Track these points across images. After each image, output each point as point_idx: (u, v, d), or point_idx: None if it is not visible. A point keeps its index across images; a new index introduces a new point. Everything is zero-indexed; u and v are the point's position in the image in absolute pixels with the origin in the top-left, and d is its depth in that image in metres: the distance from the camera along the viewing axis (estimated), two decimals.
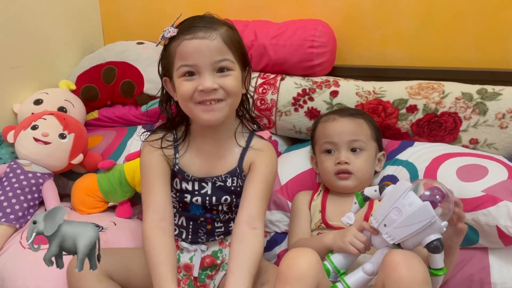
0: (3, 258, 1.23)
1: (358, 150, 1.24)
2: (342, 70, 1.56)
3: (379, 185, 1.04)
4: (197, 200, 1.10)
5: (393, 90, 1.40)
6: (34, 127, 1.40)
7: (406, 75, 1.46)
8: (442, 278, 0.99)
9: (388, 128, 1.42)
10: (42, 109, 1.51)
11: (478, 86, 1.35)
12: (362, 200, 1.05)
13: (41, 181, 1.39)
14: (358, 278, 0.99)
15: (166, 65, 1.07)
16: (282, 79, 1.52)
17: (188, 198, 1.11)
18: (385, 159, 1.32)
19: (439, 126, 1.37)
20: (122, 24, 1.90)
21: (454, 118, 1.35)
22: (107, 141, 1.56)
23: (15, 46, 1.57)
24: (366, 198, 1.05)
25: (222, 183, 1.10)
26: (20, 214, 1.33)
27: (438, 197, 0.94)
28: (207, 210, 1.12)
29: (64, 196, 1.51)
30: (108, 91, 1.67)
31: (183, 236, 1.15)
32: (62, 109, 1.55)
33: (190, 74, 1.01)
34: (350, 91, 1.44)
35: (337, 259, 1.04)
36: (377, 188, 1.03)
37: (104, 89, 1.67)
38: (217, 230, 1.14)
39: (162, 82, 1.10)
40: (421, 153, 1.31)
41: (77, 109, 1.60)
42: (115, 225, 1.34)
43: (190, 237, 1.14)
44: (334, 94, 1.45)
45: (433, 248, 0.93)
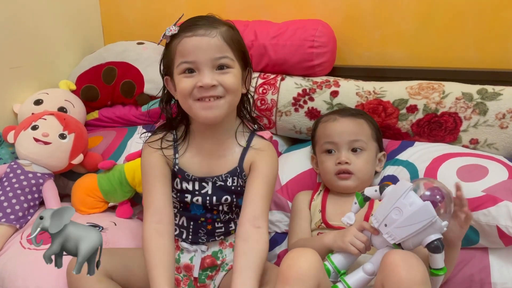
0: (3, 258, 1.23)
1: (358, 150, 1.24)
2: (342, 70, 1.56)
3: (380, 185, 1.03)
4: (197, 200, 1.10)
5: (393, 90, 1.40)
6: (34, 127, 1.40)
7: (406, 75, 1.46)
8: (443, 278, 0.99)
9: (388, 128, 1.42)
10: (42, 109, 1.51)
11: (478, 86, 1.35)
12: (362, 200, 1.05)
13: (41, 181, 1.39)
14: (359, 278, 0.99)
15: (167, 63, 1.07)
16: (282, 79, 1.52)
17: (188, 198, 1.11)
18: (385, 159, 1.32)
19: (439, 126, 1.37)
20: (122, 24, 1.90)
21: (454, 118, 1.35)
22: (107, 141, 1.56)
23: (15, 46, 1.57)
24: (367, 198, 1.05)
25: (223, 183, 1.10)
26: (20, 214, 1.33)
27: (438, 197, 0.95)
28: (208, 210, 1.12)
29: (64, 196, 1.51)
30: (108, 91, 1.67)
31: (184, 236, 1.15)
32: (62, 109, 1.55)
33: (190, 71, 1.01)
34: (350, 91, 1.44)
35: (337, 259, 1.04)
36: (377, 188, 1.03)
37: (104, 89, 1.67)
38: (217, 231, 1.14)
39: (164, 81, 1.10)
40: (421, 153, 1.31)
41: (77, 109, 1.60)
42: (115, 225, 1.34)
43: (190, 237, 1.14)
44: (334, 94, 1.45)
45: (433, 248, 0.93)
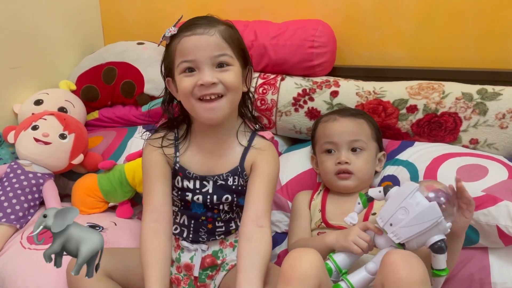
0: (4, 258, 1.23)
1: (358, 150, 1.24)
2: (342, 70, 1.56)
3: (383, 186, 1.04)
4: (198, 198, 1.11)
5: (393, 90, 1.41)
6: (35, 128, 1.40)
7: (406, 75, 1.46)
8: (444, 278, 0.99)
9: (388, 128, 1.42)
10: (42, 109, 1.51)
11: (478, 86, 1.35)
12: (366, 200, 1.06)
13: (41, 181, 1.39)
14: (361, 278, 0.99)
15: (168, 65, 1.08)
16: (282, 79, 1.52)
17: (189, 196, 1.11)
18: (385, 159, 1.32)
19: (439, 126, 1.37)
20: (122, 24, 1.91)
21: (454, 118, 1.35)
22: (108, 141, 1.56)
23: (16, 47, 1.57)
24: (370, 199, 1.06)
25: (224, 182, 1.10)
26: (20, 214, 1.33)
27: (442, 198, 0.96)
28: (208, 209, 1.12)
29: (64, 196, 1.51)
30: (108, 92, 1.67)
31: (184, 235, 1.15)
32: (62, 109, 1.55)
33: (190, 70, 1.02)
34: (350, 91, 1.44)
35: (339, 259, 1.04)
36: (381, 189, 1.04)
37: (104, 89, 1.67)
38: (217, 230, 1.14)
39: (165, 83, 1.11)
40: (421, 153, 1.31)
41: (77, 109, 1.60)
42: (116, 225, 1.35)
43: (191, 236, 1.14)
44: (334, 94, 1.45)
45: (437, 248, 0.94)
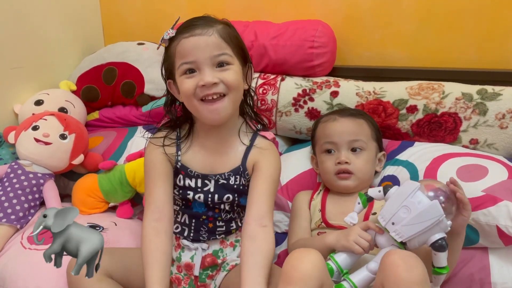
0: (4, 259, 1.23)
1: (358, 150, 1.24)
2: (342, 70, 1.57)
3: (383, 186, 1.05)
4: (199, 197, 1.11)
5: (393, 91, 1.41)
6: (35, 128, 1.40)
7: (406, 76, 1.46)
8: (445, 276, 1.00)
9: (388, 128, 1.42)
10: (42, 109, 1.51)
11: (478, 87, 1.35)
12: (365, 200, 1.06)
13: (42, 181, 1.39)
14: (364, 277, 0.99)
15: (168, 67, 1.08)
16: (282, 80, 1.52)
17: (190, 195, 1.11)
18: (385, 159, 1.32)
19: (439, 127, 1.37)
20: (123, 24, 1.91)
21: (454, 118, 1.35)
22: (108, 141, 1.56)
23: (16, 47, 1.57)
24: (370, 199, 1.06)
25: (225, 181, 1.10)
26: (21, 215, 1.33)
27: (442, 197, 0.96)
28: (210, 208, 1.12)
29: (64, 196, 1.51)
30: (108, 92, 1.67)
31: (185, 234, 1.15)
32: (62, 109, 1.55)
33: (191, 71, 1.02)
34: (350, 92, 1.44)
35: (341, 259, 1.04)
36: (381, 189, 1.04)
37: (104, 89, 1.67)
38: (218, 229, 1.14)
39: (167, 85, 1.11)
40: (421, 153, 1.31)
41: (77, 109, 1.61)
42: (116, 225, 1.35)
43: (192, 235, 1.15)
44: (334, 94, 1.45)
45: (438, 246, 0.94)
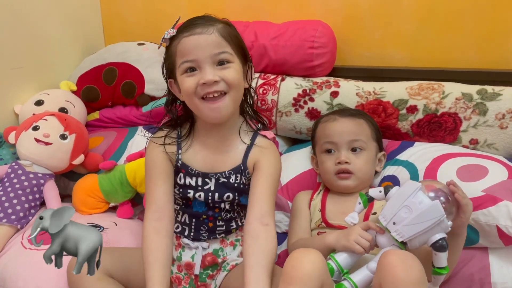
0: (5, 259, 1.23)
1: (358, 150, 1.24)
2: (342, 70, 1.57)
3: (384, 186, 1.05)
4: (200, 195, 1.11)
5: (393, 91, 1.41)
6: (35, 128, 1.40)
7: (406, 76, 1.46)
8: (445, 276, 1.00)
9: (388, 128, 1.42)
10: (43, 110, 1.51)
11: (478, 87, 1.35)
12: (366, 200, 1.06)
13: (42, 181, 1.39)
14: (364, 277, 1.00)
15: (169, 66, 1.09)
16: (283, 80, 1.52)
17: (191, 193, 1.11)
18: (385, 159, 1.32)
19: (439, 127, 1.37)
20: (123, 25, 1.91)
21: (454, 118, 1.35)
22: (108, 141, 1.56)
23: (16, 47, 1.58)
24: (371, 199, 1.06)
25: (226, 180, 1.10)
26: (21, 215, 1.33)
27: (442, 198, 0.97)
28: (210, 207, 1.13)
29: (65, 196, 1.51)
30: (109, 92, 1.67)
31: (186, 233, 1.15)
32: (63, 110, 1.55)
33: (192, 69, 1.03)
34: (351, 92, 1.44)
35: (341, 258, 1.04)
36: (381, 189, 1.04)
37: (105, 90, 1.67)
38: (218, 229, 1.15)
39: (168, 85, 1.11)
40: (421, 153, 1.31)
41: (78, 109, 1.61)
42: (116, 225, 1.35)
43: (192, 234, 1.15)
44: (335, 94, 1.45)
45: (438, 246, 0.94)
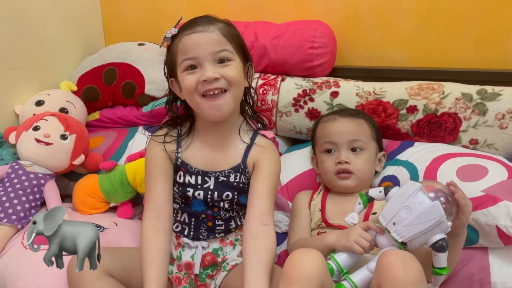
0: (5, 259, 1.23)
1: (358, 150, 1.24)
2: (342, 70, 1.57)
3: (384, 186, 1.05)
4: (199, 194, 1.11)
5: (393, 91, 1.41)
6: (36, 128, 1.41)
7: (406, 76, 1.46)
8: (444, 276, 1.00)
9: (388, 128, 1.42)
10: (43, 110, 1.52)
11: (478, 87, 1.35)
12: (366, 200, 1.07)
13: (42, 181, 1.39)
14: (364, 277, 1.00)
15: (170, 65, 1.09)
16: (283, 80, 1.52)
17: (190, 192, 1.12)
18: (385, 159, 1.32)
19: (439, 127, 1.37)
20: (123, 25, 1.91)
21: (454, 118, 1.35)
22: (108, 142, 1.57)
23: (17, 48, 1.58)
24: (371, 199, 1.06)
25: (225, 178, 1.11)
26: (22, 215, 1.33)
27: (442, 198, 0.97)
28: (209, 206, 1.13)
29: (65, 196, 1.51)
30: (109, 92, 1.67)
31: (185, 232, 1.16)
32: (63, 110, 1.55)
33: (192, 67, 1.04)
34: (350, 92, 1.44)
35: (341, 258, 1.04)
36: (381, 189, 1.04)
37: (105, 90, 1.67)
38: (217, 228, 1.15)
39: (169, 84, 1.12)
40: (421, 153, 1.31)
41: (78, 110, 1.61)
42: (116, 225, 1.35)
43: (192, 233, 1.15)
44: (335, 94, 1.45)
45: (438, 247, 0.95)
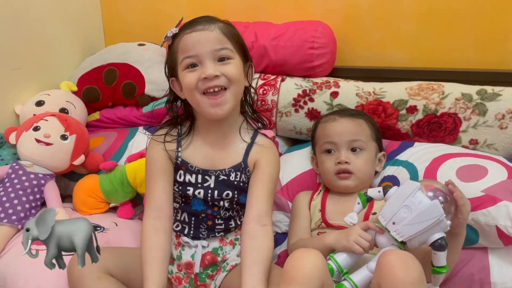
0: (5, 259, 1.23)
1: (358, 150, 1.24)
2: (342, 71, 1.57)
3: (383, 186, 1.05)
4: (199, 193, 1.12)
5: (393, 91, 1.41)
6: (36, 128, 1.41)
7: (406, 76, 1.46)
8: (444, 275, 1.00)
9: (388, 128, 1.42)
10: (43, 110, 1.52)
11: (477, 87, 1.35)
12: (365, 200, 1.07)
13: (43, 182, 1.39)
14: (364, 277, 1.00)
15: (171, 64, 1.10)
16: (283, 80, 1.52)
17: (190, 191, 1.12)
18: (385, 159, 1.32)
19: (439, 127, 1.37)
20: (123, 25, 1.91)
21: (454, 118, 1.35)
22: (109, 142, 1.57)
23: (17, 48, 1.58)
24: (370, 199, 1.07)
25: (226, 177, 1.11)
26: (22, 215, 1.33)
27: (441, 198, 0.97)
28: (209, 206, 1.13)
29: (65, 197, 1.51)
30: (109, 93, 1.68)
31: (185, 232, 1.16)
32: (63, 110, 1.56)
33: (193, 65, 1.05)
34: (350, 92, 1.44)
35: (341, 259, 1.04)
36: (380, 189, 1.05)
37: (105, 90, 1.67)
38: (217, 227, 1.15)
39: (169, 83, 1.13)
40: (421, 153, 1.31)
41: (78, 110, 1.61)
42: (117, 225, 1.35)
43: (192, 232, 1.15)
44: (334, 95, 1.45)
45: (437, 246, 0.95)
